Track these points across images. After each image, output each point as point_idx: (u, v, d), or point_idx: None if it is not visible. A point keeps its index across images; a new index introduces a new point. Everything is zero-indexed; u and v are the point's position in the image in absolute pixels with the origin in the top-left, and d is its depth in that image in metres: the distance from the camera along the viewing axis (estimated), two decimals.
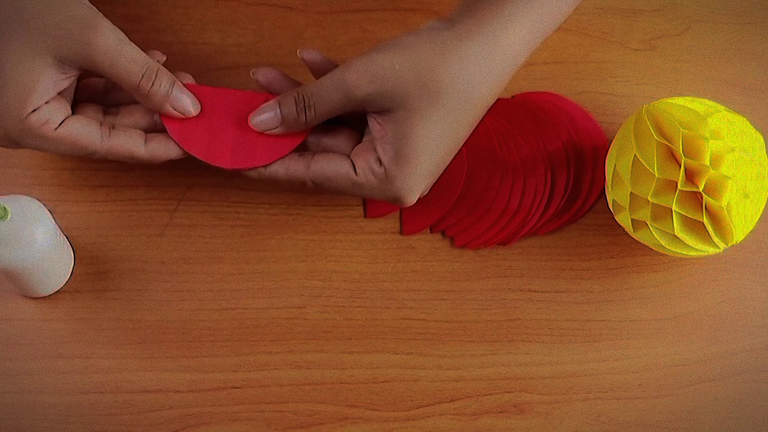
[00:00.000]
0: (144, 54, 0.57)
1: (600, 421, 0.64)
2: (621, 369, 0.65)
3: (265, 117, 0.59)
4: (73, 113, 0.58)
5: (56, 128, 0.56)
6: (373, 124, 0.58)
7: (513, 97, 0.71)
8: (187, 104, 0.59)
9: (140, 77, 0.56)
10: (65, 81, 0.56)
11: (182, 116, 0.59)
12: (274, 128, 0.59)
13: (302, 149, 0.60)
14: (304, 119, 0.58)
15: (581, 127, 0.70)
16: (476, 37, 0.57)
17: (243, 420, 0.62)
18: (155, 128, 0.60)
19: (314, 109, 0.57)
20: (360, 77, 0.56)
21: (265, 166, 0.60)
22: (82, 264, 0.64)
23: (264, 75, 0.60)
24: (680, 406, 0.65)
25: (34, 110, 0.55)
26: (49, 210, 0.58)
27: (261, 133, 0.59)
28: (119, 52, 0.56)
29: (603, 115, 0.71)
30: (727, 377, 0.66)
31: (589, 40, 0.73)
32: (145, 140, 0.59)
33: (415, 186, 0.58)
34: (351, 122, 0.61)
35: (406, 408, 0.63)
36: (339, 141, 0.60)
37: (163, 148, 0.59)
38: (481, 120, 0.67)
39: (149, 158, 0.59)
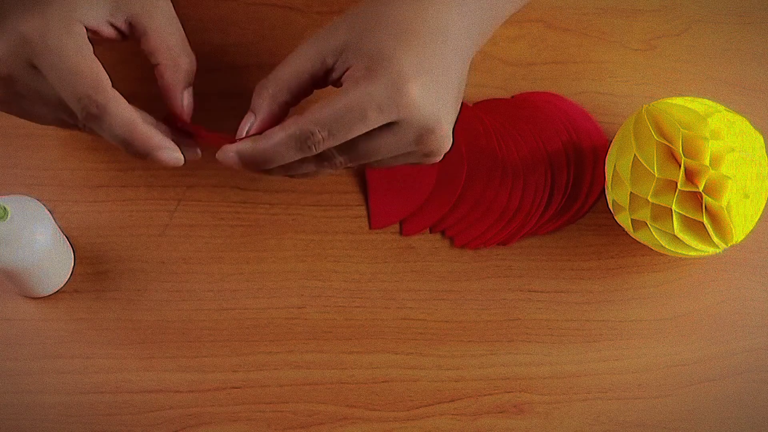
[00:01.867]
0: (185, 39, 0.59)
1: (600, 421, 0.64)
2: (621, 369, 0.65)
3: (243, 125, 0.58)
4: None
5: (88, 45, 0.55)
6: (347, 75, 0.56)
7: (513, 97, 0.71)
8: (190, 108, 0.59)
9: (181, 50, 0.58)
10: (106, 25, 0.57)
11: (186, 112, 0.59)
12: (250, 122, 0.57)
13: None
14: (267, 91, 0.57)
15: (581, 127, 0.70)
16: None
17: (243, 420, 0.62)
18: None
19: (272, 78, 0.57)
20: (308, 40, 0.57)
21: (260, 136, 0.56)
22: (82, 264, 0.64)
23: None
24: (680, 406, 0.65)
25: (80, 21, 0.55)
26: (49, 210, 0.58)
27: None
28: (173, 21, 0.58)
29: (603, 115, 0.71)
30: (727, 377, 0.66)
31: (589, 40, 0.73)
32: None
33: (405, 63, 0.54)
34: None
35: (406, 408, 0.63)
36: None
37: (157, 135, 0.56)
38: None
39: (142, 136, 0.55)
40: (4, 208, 0.54)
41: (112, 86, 0.55)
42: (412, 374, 0.64)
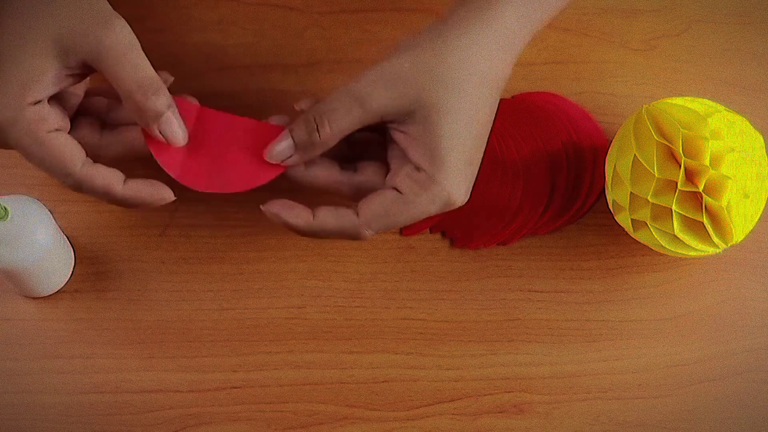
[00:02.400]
0: (152, 68, 0.55)
1: (600, 421, 0.64)
2: (621, 369, 0.65)
3: (279, 147, 0.56)
4: (72, 125, 0.57)
5: (48, 132, 0.54)
6: (397, 135, 0.57)
7: (513, 97, 0.71)
8: (176, 132, 0.56)
9: (137, 87, 0.54)
10: (68, 78, 0.54)
11: (164, 141, 0.56)
12: (290, 156, 0.57)
13: (336, 198, 0.58)
14: (318, 137, 0.56)
15: (581, 127, 0.70)
16: (471, 23, 0.57)
17: (243, 420, 0.62)
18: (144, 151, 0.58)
19: (328, 124, 0.55)
20: (372, 84, 0.55)
21: (314, 217, 0.57)
22: (82, 264, 0.64)
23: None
24: (680, 406, 0.65)
25: (36, 103, 0.53)
26: (49, 210, 0.58)
27: (242, 159, 0.57)
28: (125, 56, 0.54)
29: (603, 115, 0.71)
30: (727, 377, 0.66)
31: (589, 40, 0.73)
32: (125, 180, 0.56)
33: (461, 181, 0.56)
34: (372, 155, 0.60)
35: (406, 408, 0.63)
36: (369, 175, 0.58)
37: (139, 190, 0.56)
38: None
39: (123, 197, 0.56)
40: (5, 208, 0.54)
41: (86, 156, 0.55)
42: (412, 374, 0.64)
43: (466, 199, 0.58)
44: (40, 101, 0.54)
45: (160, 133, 0.56)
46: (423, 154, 0.56)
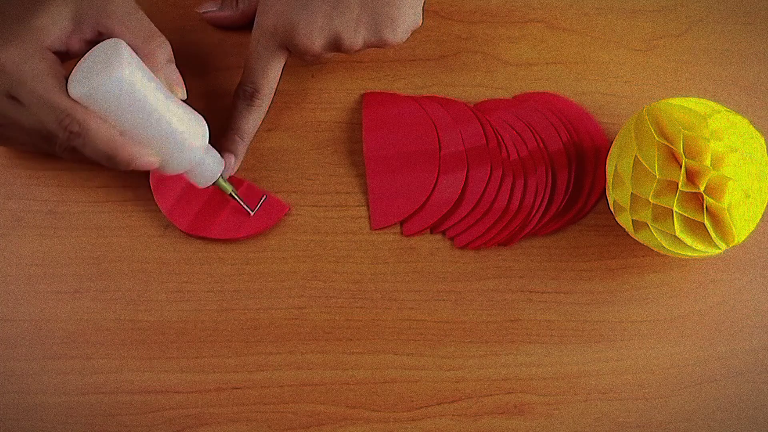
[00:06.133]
0: (153, 25, 0.59)
1: (600, 422, 0.64)
2: (621, 370, 0.65)
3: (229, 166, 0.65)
4: None
5: (61, 66, 0.57)
6: None
7: (513, 97, 0.71)
8: (179, 82, 0.60)
9: (144, 37, 0.58)
10: (78, 44, 0.58)
11: (171, 90, 0.60)
12: (232, 165, 0.65)
13: None
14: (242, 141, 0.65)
15: (582, 128, 0.70)
16: None
17: (243, 421, 0.62)
18: None
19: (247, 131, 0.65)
20: (261, 37, 0.64)
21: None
22: (83, 264, 0.64)
23: None
24: (681, 407, 0.65)
25: (50, 47, 0.57)
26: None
27: (231, 213, 0.65)
28: (130, 14, 0.59)
29: (603, 115, 0.71)
30: (727, 378, 0.66)
31: (589, 41, 0.73)
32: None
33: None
34: None
35: (407, 408, 0.63)
36: None
37: (133, 144, 0.58)
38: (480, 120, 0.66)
39: (123, 148, 0.57)
40: None
41: None
42: (413, 375, 0.64)
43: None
44: (52, 49, 0.57)
45: (165, 80, 0.59)
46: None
